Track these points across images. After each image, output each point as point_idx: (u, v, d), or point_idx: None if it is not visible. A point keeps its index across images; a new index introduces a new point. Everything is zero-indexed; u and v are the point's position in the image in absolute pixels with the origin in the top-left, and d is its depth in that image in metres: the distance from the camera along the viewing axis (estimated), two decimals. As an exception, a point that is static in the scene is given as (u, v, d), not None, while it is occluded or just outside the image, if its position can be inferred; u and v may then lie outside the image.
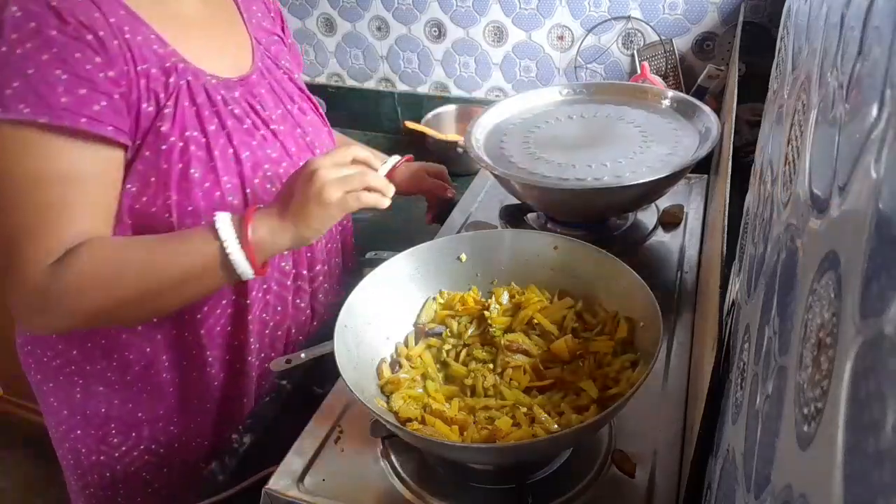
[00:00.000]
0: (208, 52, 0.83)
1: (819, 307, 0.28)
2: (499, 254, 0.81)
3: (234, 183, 0.81)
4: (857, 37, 0.32)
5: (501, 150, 1.02)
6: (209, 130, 0.79)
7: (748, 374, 0.45)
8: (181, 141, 0.77)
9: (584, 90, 1.14)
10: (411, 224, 1.40)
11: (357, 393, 0.62)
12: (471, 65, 1.63)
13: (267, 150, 0.84)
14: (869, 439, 0.20)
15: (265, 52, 0.93)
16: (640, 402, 0.61)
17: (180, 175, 0.77)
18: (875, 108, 0.26)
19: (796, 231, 0.38)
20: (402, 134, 1.72)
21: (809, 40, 0.52)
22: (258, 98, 0.86)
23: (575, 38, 1.50)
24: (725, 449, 0.48)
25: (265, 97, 0.87)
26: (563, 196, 0.94)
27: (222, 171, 0.79)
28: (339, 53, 1.75)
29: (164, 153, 0.76)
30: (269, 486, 0.67)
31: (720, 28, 1.39)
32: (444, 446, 0.63)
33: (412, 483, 0.66)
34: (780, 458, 0.30)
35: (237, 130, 0.81)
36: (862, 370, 0.21)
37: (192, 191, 0.78)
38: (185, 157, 0.77)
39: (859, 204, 0.25)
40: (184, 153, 0.77)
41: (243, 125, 0.82)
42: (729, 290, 0.77)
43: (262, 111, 0.86)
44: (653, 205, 1.06)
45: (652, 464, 0.67)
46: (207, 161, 0.79)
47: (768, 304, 0.42)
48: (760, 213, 0.60)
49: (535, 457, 0.66)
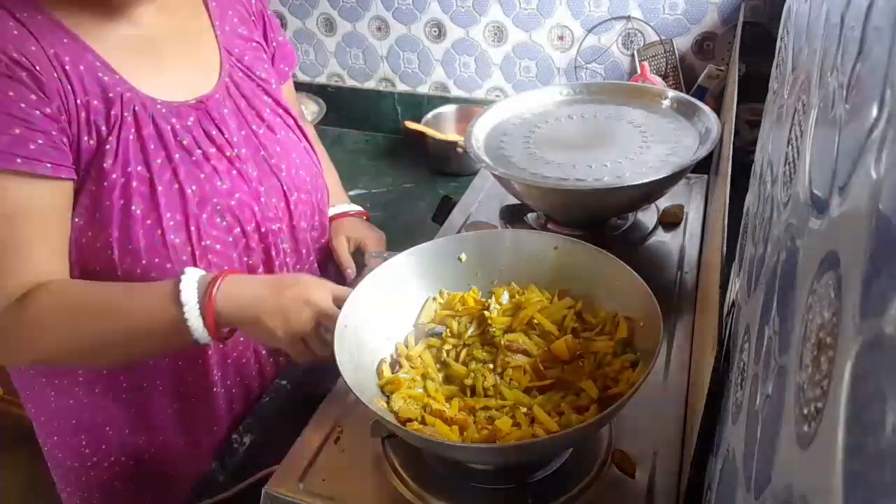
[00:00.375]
0: (161, 75, 0.79)
1: (819, 307, 0.28)
2: (499, 254, 0.81)
3: (178, 219, 0.77)
4: (857, 37, 0.32)
5: (501, 150, 1.02)
6: (154, 165, 0.75)
7: (748, 374, 0.45)
8: (123, 177, 0.74)
9: (584, 90, 1.14)
10: (411, 224, 1.40)
11: (357, 393, 0.62)
12: (471, 65, 1.63)
13: (217, 182, 0.80)
14: (869, 439, 0.20)
15: (236, 63, 0.88)
16: (640, 402, 0.61)
17: (121, 211, 0.74)
18: (875, 108, 0.26)
19: (796, 231, 0.38)
20: (402, 134, 1.72)
21: (809, 40, 0.52)
22: (217, 121, 0.82)
23: (575, 38, 1.50)
24: (725, 449, 0.48)
25: (226, 119, 0.83)
26: (563, 196, 0.94)
27: (165, 207, 0.76)
28: (339, 53, 1.75)
29: (105, 189, 0.73)
30: (269, 486, 0.67)
31: (720, 28, 1.39)
32: (444, 446, 0.63)
33: (412, 483, 0.66)
34: (780, 458, 0.30)
35: (184, 163, 0.78)
36: (862, 370, 0.21)
37: (133, 227, 0.75)
38: (126, 192, 0.74)
39: (859, 204, 0.25)
40: (125, 189, 0.74)
41: (192, 157, 0.79)
42: (729, 290, 0.77)
43: (218, 137, 0.82)
44: (653, 205, 1.06)
45: (652, 464, 0.67)
46: (150, 197, 0.75)
47: (768, 304, 0.42)
48: (760, 214, 0.60)
49: (535, 457, 0.66)
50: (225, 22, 0.89)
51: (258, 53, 0.93)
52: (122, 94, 0.75)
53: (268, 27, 0.97)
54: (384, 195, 1.53)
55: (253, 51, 0.92)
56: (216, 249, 0.81)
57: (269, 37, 0.97)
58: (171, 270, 0.77)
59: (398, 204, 1.49)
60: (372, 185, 1.57)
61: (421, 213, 1.42)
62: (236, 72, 0.88)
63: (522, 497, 0.64)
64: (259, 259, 0.87)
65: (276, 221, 0.87)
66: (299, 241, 0.94)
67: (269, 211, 0.86)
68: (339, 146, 1.73)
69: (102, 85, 0.73)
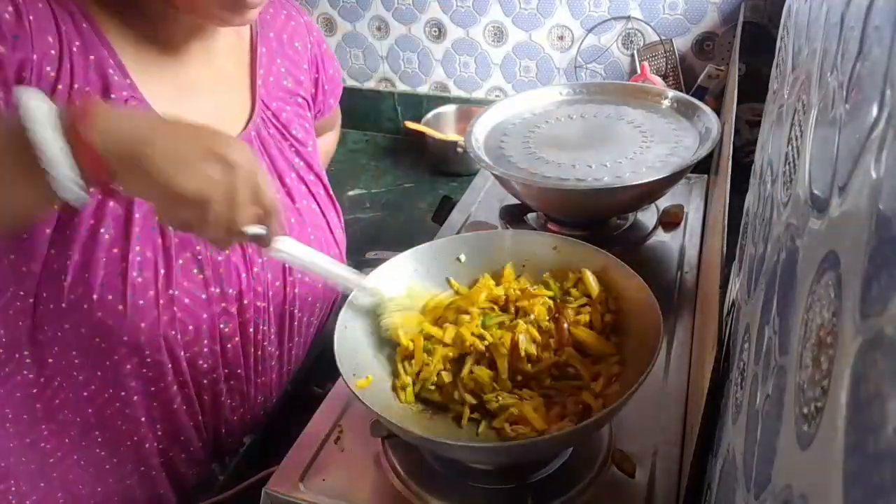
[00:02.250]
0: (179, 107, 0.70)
1: (819, 307, 0.28)
2: (499, 254, 0.81)
3: (148, 257, 0.68)
4: (857, 37, 0.32)
5: (501, 150, 1.02)
6: None
7: (748, 374, 0.45)
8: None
9: (584, 90, 1.14)
10: (411, 224, 1.40)
11: (357, 393, 0.62)
12: (471, 65, 1.63)
13: None
14: (869, 439, 0.20)
15: (271, 118, 0.80)
16: (640, 402, 0.61)
17: (89, 231, 0.66)
18: (875, 108, 0.26)
19: (796, 231, 0.38)
20: (402, 134, 1.72)
21: (809, 40, 0.52)
22: None
23: (575, 38, 1.50)
24: (725, 449, 0.48)
25: None
26: (563, 196, 0.94)
27: (138, 239, 0.67)
28: (339, 53, 1.75)
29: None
30: (269, 486, 0.67)
31: (720, 28, 1.39)
32: (444, 445, 0.63)
33: (412, 483, 0.66)
34: (780, 458, 0.30)
35: None
36: (862, 370, 0.21)
37: (96, 253, 0.66)
38: (100, 212, 0.66)
39: (859, 204, 0.25)
40: (100, 207, 0.66)
41: None
42: (729, 290, 0.77)
43: None
44: (653, 205, 1.06)
45: (652, 464, 0.67)
46: (124, 223, 0.67)
47: (768, 304, 0.42)
48: (760, 213, 0.60)
49: (535, 457, 0.66)
50: (270, 72, 0.82)
51: (300, 111, 0.86)
52: (127, 98, 0.68)
53: (321, 71, 0.90)
54: (384, 195, 1.53)
55: (295, 107, 0.85)
56: (184, 303, 0.71)
57: (320, 81, 0.90)
58: (121, 314, 0.67)
59: (398, 204, 1.49)
60: (372, 185, 1.57)
61: (421, 213, 1.43)
62: (268, 127, 0.80)
63: (522, 497, 0.64)
64: (236, 328, 0.76)
65: (262, 299, 0.77)
66: (289, 329, 0.83)
67: (257, 285, 0.76)
68: (339, 146, 1.72)
69: (106, 80, 0.67)
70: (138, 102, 0.68)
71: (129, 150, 0.52)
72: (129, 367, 0.72)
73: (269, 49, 0.83)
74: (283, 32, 0.85)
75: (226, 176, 0.54)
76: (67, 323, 0.68)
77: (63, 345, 0.70)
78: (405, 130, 1.65)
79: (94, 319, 0.67)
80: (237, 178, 0.54)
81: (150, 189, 0.54)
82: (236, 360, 0.78)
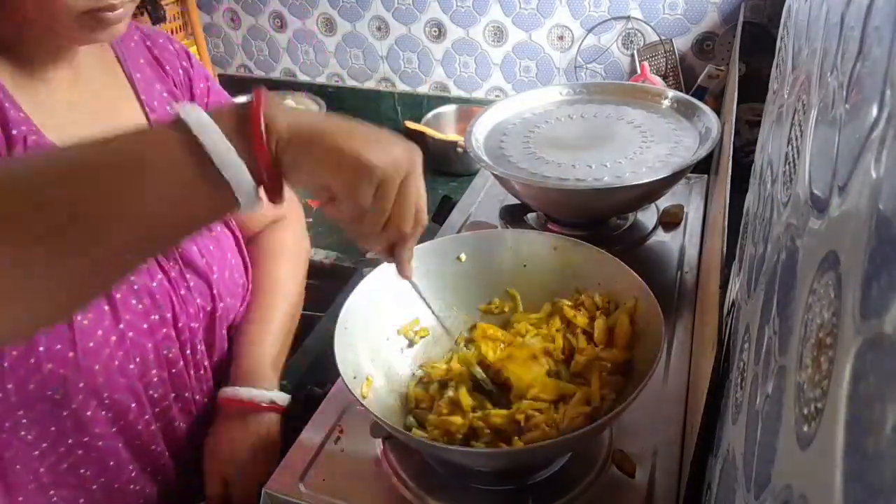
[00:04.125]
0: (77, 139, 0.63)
1: (819, 307, 0.28)
2: (499, 254, 0.81)
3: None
4: (857, 37, 0.32)
5: (501, 150, 1.02)
6: None
7: (748, 374, 0.45)
8: None
9: (584, 90, 1.14)
10: (411, 224, 1.40)
11: (357, 394, 0.62)
12: (471, 65, 1.63)
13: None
14: (869, 439, 0.20)
15: None
16: (640, 402, 0.60)
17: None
18: (875, 108, 0.26)
19: (796, 231, 0.38)
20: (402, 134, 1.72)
21: (809, 40, 0.52)
22: None
23: (575, 38, 1.50)
24: (725, 449, 0.48)
25: None
26: (563, 196, 0.94)
27: None
28: (339, 53, 1.75)
29: None
30: (269, 486, 0.67)
31: (720, 28, 1.39)
32: (444, 450, 0.63)
33: (412, 483, 0.66)
34: (780, 458, 0.30)
35: None
36: (862, 370, 0.21)
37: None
38: None
39: (859, 204, 0.25)
40: None
41: None
42: (729, 290, 0.77)
43: None
44: (653, 205, 1.06)
45: (652, 464, 0.67)
46: None
47: (768, 304, 0.42)
48: (760, 213, 0.60)
49: (534, 461, 0.66)
50: (153, 97, 0.78)
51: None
52: (27, 136, 0.63)
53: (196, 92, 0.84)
54: (384, 195, 1.53)
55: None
56: (130, 336, 0.69)
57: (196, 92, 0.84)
58: (73, 361, 0.64)
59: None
60: (372, 185, 1.56)
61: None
62: None
63: (522, 498, 0.64)
64: (178, 353, 0.75)
65: (195, 320, 0.77)
66: (218, 340, 0.82)
67: (189, 306, 0.75)
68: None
69: (4, 116, 0.62)
70: (37, 137, 0.65)
71: (308, 131, 0.48)
72: (89, 412, 0.69)
73: (143, 74, 0.79)
74: (150, 55, 0.81)
75: (410, 163, 0.52)
76: (10, 382, 0.64)
77: (6, 406, 0.65)
78: (405, 130, 1.64)
79: (44, 372, 0.64)
80: (417, 168, 0.53)
81: (330, 167, 0.49)
82: (182, 382, 0.77)
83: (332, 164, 0.49)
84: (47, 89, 0.68)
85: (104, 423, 0.71)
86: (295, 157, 0.48)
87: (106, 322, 0.67)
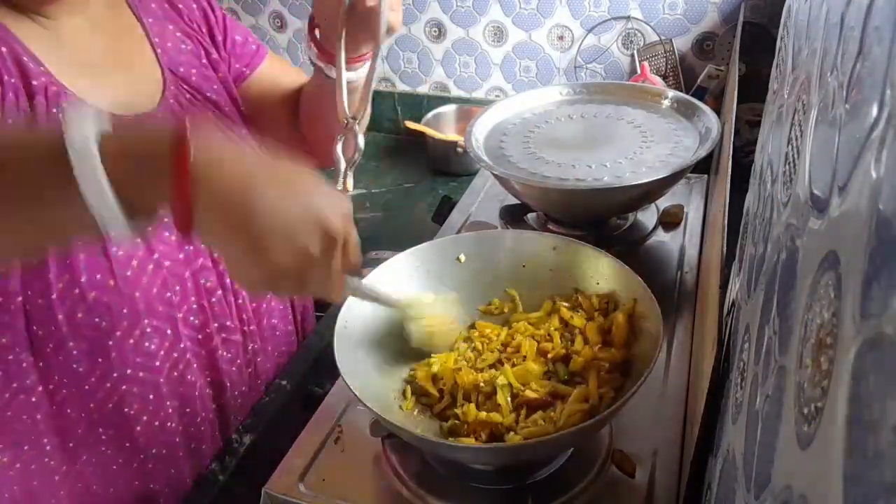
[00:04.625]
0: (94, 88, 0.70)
1: (819, 307, 0.28)
2: (498, 254, 0.81)
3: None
4: (857, 37, 0.32)
5: (501, 150, 1.02)
6: None
7: (748, 374, 0.45)
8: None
9: (584, 90, 1.14)
10: (411, 224, 1.40)
11: (357, 392, 0.62)
12: (471, 65, 1.63)
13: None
14: (869, 439, 0.20)
15: (182, 84, 0.80)
16: (640, 402, 0.61)
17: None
18: (875, 108, 0.26)
19: (796, 231, 0.38)
20: (402, 134, 1.72)
21: (809, 40, 0.52)
22: None
23: (575, 38, 1.50)
24: (725, 449, 0.48)
25: None
26: (563, 196, 0.94)
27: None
28: (339, 53, 1.75)
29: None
30: (268, 486, 0.67)
31: (720, 28, 1.39)
32: (444, 446, 0.63)
33: (412, 483, 0.66)
34: (780, 458, 0.30)
35: None
36: (862, 370, 0.21)
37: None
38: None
39: (859, 204, 0.25)
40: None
41: None
42: (729, 290, 0.77)
43: None
44: (653, 205, 1.06)
45: (652, 464, 0.67)
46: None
47: (768, 304, 0.42)
48: (760, 213, 0.60)
49: (534, 457, 0.66)
50: (166, 39, 0.80)
51: (206, 72, 0.84)
52: (47, 86, 0.66)
53: (215, 31, 0.87)
54: (384, 195, 1.53)
55: (202, 69, 0.83)
56: (167, 265, 0.73)
57: (217, 41, 0.87)
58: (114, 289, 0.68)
59: (398, 204, 1.49)
60: (372, 185, 1.57)
61: (421, 213, 1.42)
62: (182, 93, 0.79)
63: (522, 497, 0.64)
64: (216, 282, 0.78)
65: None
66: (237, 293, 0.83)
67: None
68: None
69: (23, 69, 0.65)
70: (57, 87, 0.67)
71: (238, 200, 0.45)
72: (132, 341, 0.73)
73: (154, 17, 0.81)
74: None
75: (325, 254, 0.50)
76: (61, 313, 0.68)
77: (59, 338, 0.70)
78: (405, 130, 1.65)
79: (89, 301, 0.68)
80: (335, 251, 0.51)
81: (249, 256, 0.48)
82: (223, 311, 0.80)
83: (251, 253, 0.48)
84: (63, 40, 0.70)
85: (146, 354, 0.74)
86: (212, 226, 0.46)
87: (140, 252, 0.70)
